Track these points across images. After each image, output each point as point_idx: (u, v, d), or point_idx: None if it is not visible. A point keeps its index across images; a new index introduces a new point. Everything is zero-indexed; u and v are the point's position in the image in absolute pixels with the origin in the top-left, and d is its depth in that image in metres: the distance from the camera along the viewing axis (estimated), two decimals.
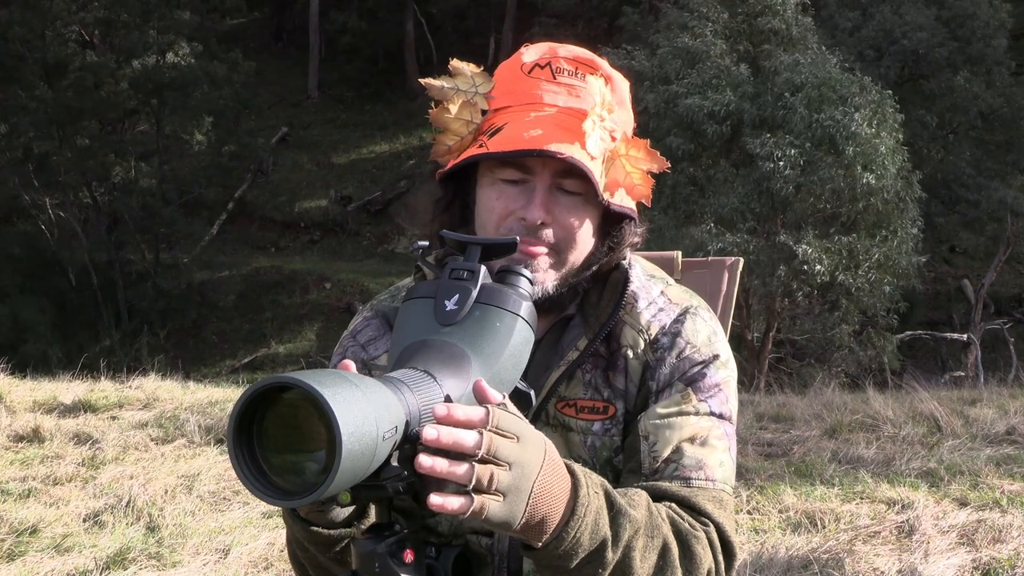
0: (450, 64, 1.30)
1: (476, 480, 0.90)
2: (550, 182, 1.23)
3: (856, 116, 11.94)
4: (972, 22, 17.93)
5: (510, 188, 1.24)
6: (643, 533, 1.08)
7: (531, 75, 1.28)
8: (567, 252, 1.25)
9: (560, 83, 1.27)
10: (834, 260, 11.93)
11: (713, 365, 1.29)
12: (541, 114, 1.24)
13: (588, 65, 1.29)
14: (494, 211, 1.25)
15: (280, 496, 0.84)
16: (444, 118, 1.28)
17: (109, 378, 7.86)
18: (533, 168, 1.23)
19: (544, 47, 1.31)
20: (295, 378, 0.80)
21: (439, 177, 1.31)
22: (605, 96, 1.26)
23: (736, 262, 1.72)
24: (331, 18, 29.26)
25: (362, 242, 25.00)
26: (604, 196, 1.23)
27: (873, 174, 11.94)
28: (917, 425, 5.87)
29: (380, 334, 1.38)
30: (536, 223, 1.22)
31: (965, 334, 14.63)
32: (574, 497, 1.00)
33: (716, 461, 1.24)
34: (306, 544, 1.17)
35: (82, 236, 21.57)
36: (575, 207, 1.25)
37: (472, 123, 1.28)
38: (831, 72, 12.61)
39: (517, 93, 1.28)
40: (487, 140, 1.23)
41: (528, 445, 0.95)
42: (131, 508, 4.18)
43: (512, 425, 0.94)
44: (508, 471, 0.93)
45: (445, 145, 1.29)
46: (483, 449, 0.91)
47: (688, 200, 13.18)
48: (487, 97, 1.29)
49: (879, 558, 3.62)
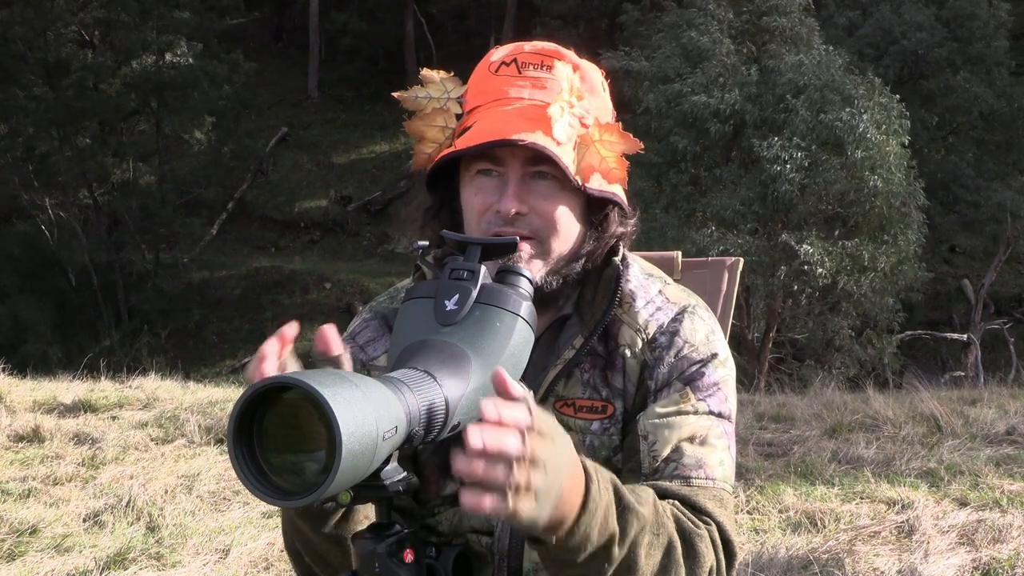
0: (421, 74, 1.32)
1: (515, 484, 0.89)
2: (521, 172, 1.24)
3: (864, 118, 11.93)
4: (972, 22, 17.93)
5: (486, 182, 1.25)
6: (649, 530, 1.08)
7: (498, 73, 1.29)
8: (549, 240, 1.26)
9: (525, 76, 1.28)
10: (835, 263, 11.92)
11: (711, 364, 1.29)
12: (507, 108, 1.25)
13: (553, 56, 1.29)
14: (474, 208, 1.26)
15: (280, 496, 0.84)
16: (419, 127, 1.31)
17: (109, 378, 7.86)
18: (504, 159, 1.24)
19: (511, 46, 1.33)
20: (295, 378, 0.80)
21: (425, 184, 1.33)
22: (573, 83, 1.27)
23: (736, 262, 1.72)
24: (331, 18, 29.26)
25: (362, 242, 25.00)
26: (576, 180, 1.23)
27: (880, 177, 11.93)
28: (917, 425, 5.87)
29: (379, 335, 1.38)
30: (510, 213, 1.22)
31: (965, 334, 14.63)
32: (586, 493, 1.00)
33: (716, 460, 1.24)
34: (299, 524, 1.17)
35: (82, 236, 21.58)
36: (550, 194, 1.25)
37: (448, 128, 1.30)
38: (835, 74, 12.59)
39: (486, 92, 1.29)
40: (457, 140, 1.25)
41: (560, 445, 0.95)
42: (131, 508, 4.18)
43: (547, 425, 0.94)
44: (544, 473, 0.92)
45: (424, 154, 1.31)
46: (528, 455, 0.89)
47: (689, 199, 13.18)
48: (460, 101, 1.30)
49: (879, 558, 3.62)
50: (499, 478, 0.88)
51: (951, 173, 17.33)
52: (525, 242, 1.24)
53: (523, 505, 0.91)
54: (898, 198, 12.25)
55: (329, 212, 25.65)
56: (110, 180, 22.52)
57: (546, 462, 0.92)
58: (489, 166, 1.25)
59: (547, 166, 1.23)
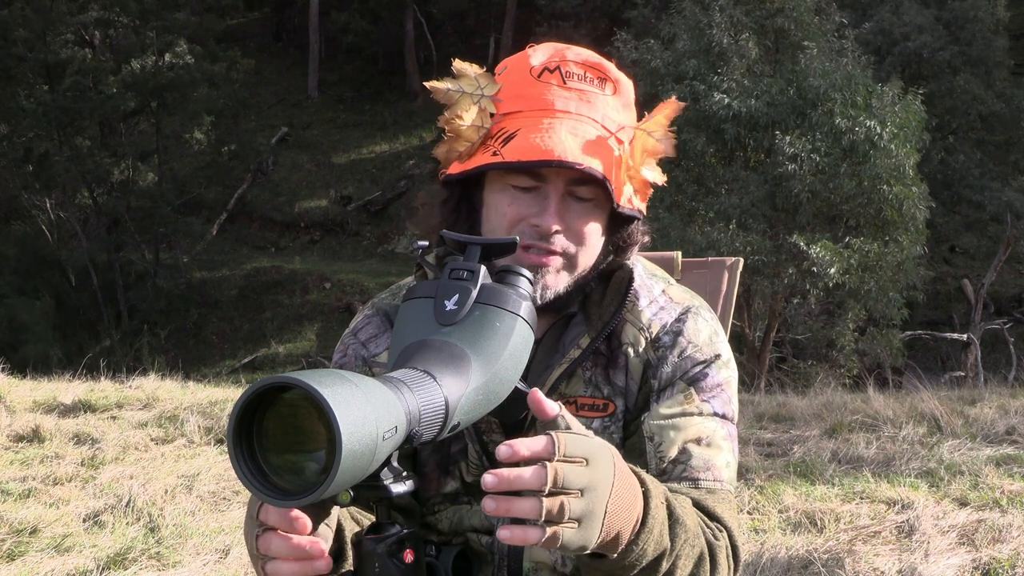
0: (453, 65, 1.28)
1: (546, 513, 0.89)
2: (563, 190, 1.23)
3: (888, 127, 11.92)
4: (973, 24, 17.93)
5: (522, 195, 1.23)
6: (689, 542, 1.09)
7: (540, 79, 1.26)
8: (578, 256, 1.25)
9: (571, 88, 1.26)
10: (844, 263, 11.91)
11: (715, 365, 1.29)
12: (554, 120, 1.23)
13: (597, 69, 1.28)
14: (506, 216, 1.24)
15: (280, 496, 0.84)
16: (456, 124, 1.26)
17: (109, 378, 7.86)
18: (547, 176, 1.22)
19: (551, 49, 1.30)
20: (295, 378, 0.80)
21: (444, 179, 1.29)
22: (618, 112, 1.28)
23: (736, 262, 1.72)
24: (331, 18, 29.25)
25: (362, 242, 25.00)
26: (620, 202, 1.23)
27: (898, 185, 11.93)
28: (917, 425, 5.87)
29: (380, 331, 1.38)
30: (550, 231, 1.22)
31: (965, 334, 14.62)
32: (645, 508, 1.00)
33: (723, 462, 1.24)
34: None
35: (82, 236, 21.58)
36: (587, 213, 1.25)
37: (482, 128, 1.26)
38: (857, 80, 12.55)
39: (527, 98, 1.26)
40: (500, 148, 1.22)
41: (598, 465, 0.93)
42: (131, 508, 4.18)
43: (579, 447, 0.92)
44: (580, 498, 0.91)
45: (456, 151, 1.27)
46: (549, 484, 0.89)
47: (694, 198, 13.15)
48: (494, 100, 1.27)
49: (879, 558, 3.62)
50: (527, 511, 0.88)
51: (955, 173, 17.33)
52: (555, 257, 1.23)
53: (565, 532, 0.90)
54: (911, 204, 12.23)
55: (329, 212, 25.65)
56: (110, 180, 22.52)
57: (582, 487, 0.91)
58: (531, 183, 1.23)
59: (589, 187, 1.23)
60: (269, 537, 0.94)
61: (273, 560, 0.94)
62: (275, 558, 0.94)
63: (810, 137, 12.18)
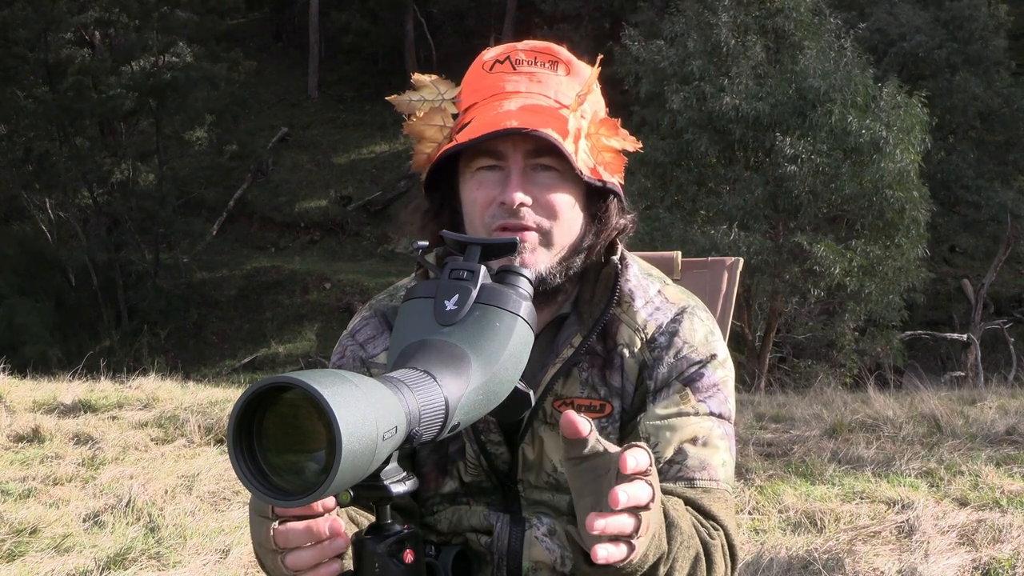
0: (412, 79, 1.33)
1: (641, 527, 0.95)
2: (523, 163, 1.24)
3: (894, 131, 11.91)
4: (971, 24, 17.93)
5: (488, 176, 1.25)
6: (684, 544, 1.10)
7: (492, 71, 1.30)
8: (553, 231, 1.25)
9: (521, 72, 1.28)
10: (845, 264, 11.91)
11: (711, 365, 1.29)
12: (505, 100, 1.26)
13: (547, 54, 1.30)
14: (476, 202, 1.25)
15: (280, 496, 0.84)
16: (417, 127, 1.31)
17: (109, 378, 7.86)
18: (505, 153, 1.24)
19: (504, 45, 1.34)
20: (295, 378, 0.80)
21: (423, 186, 1.32)
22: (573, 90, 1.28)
23: (736, 262, 1.72)
24: (331, 18, 29.27)
25: (362, 242, 25.00)
26: (580, 169, 1.22)
27: (900, 188, 11.93)
28: (917, 425, 5.87)
29: (378, 332, 1.38)
30: (515, 204, 1.22)
31: (965, 334, 14.63)
32: None
33: (719, 461, 1.24)
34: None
35: (82, 236, 21.59)
36: (554, 184, 1.24)
37: (445, 127, 1.30)
38: (858, 82, 12.54)
39: (481, 89, 1.29)
40: (456, 134, 1.25)
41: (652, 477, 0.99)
42: (131, 508, 4.18)
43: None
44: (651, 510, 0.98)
45: (424, 154, 1.31)
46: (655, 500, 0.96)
47: (695, 199, 13.14)
48: (455, 101, 1.31)
49: (879, 558, 3.62)
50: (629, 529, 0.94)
51: (952, 174, 17.33)
52: (529, 232, 1.23)
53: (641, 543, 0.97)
54: (912, 208, 12.23)
55: (329, 212, 25.66)
56: (110, 180, 22.53)
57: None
58: (491, 162, 1.25)
59: (548, 158, 1.23)
60: (287, 529, 0.96)
61: (294, 550, 0.97)
62: (296, 548, 0.97)
63: (811, 138, 12.17)
